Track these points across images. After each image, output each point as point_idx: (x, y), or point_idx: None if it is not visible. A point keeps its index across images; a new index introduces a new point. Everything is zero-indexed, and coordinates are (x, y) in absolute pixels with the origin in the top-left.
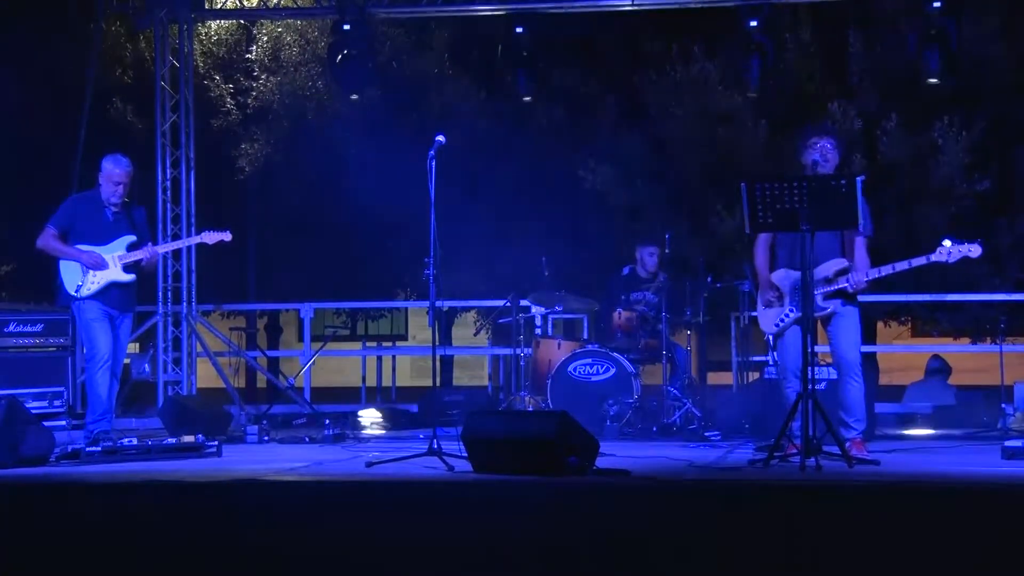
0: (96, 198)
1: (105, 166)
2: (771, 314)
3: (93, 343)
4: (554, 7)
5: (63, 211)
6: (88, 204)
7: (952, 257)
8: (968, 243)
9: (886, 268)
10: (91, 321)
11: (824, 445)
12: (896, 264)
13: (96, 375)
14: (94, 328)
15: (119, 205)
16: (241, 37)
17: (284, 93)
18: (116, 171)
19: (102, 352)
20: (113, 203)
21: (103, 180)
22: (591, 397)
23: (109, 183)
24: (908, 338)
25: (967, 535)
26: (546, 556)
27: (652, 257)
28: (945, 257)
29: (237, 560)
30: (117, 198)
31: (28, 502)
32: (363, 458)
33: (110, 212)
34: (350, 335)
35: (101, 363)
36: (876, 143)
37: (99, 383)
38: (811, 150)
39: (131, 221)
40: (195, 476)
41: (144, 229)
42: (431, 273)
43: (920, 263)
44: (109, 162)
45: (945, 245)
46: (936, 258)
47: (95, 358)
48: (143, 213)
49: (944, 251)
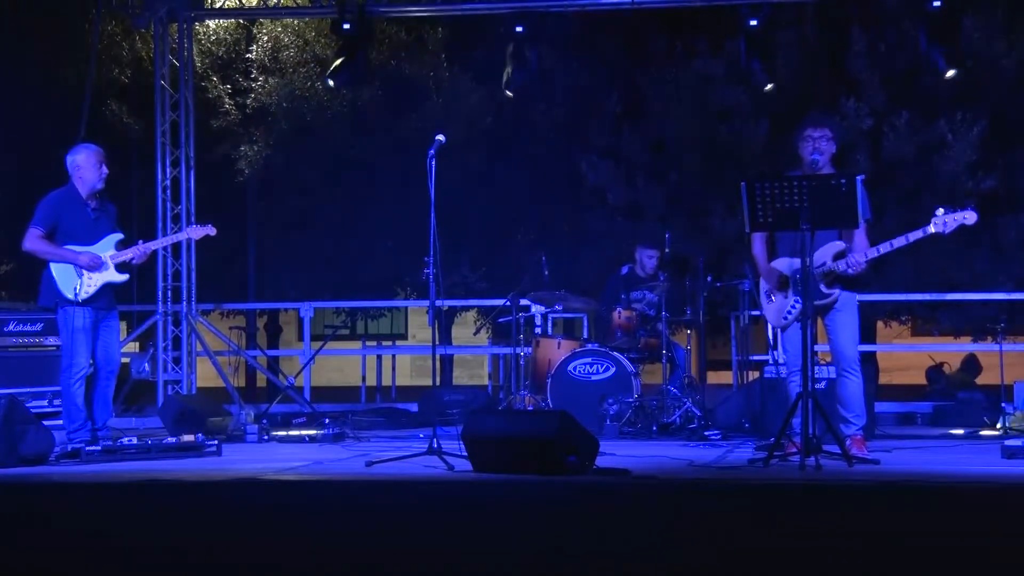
0: (74, 195)
1: (79, 156)
2: (777, 307)
3: (74, 353)
4: (554, 6)
5: (46, 210)
6: (69, 202)
7: (948, 227)
8: (961, 210)
9: (884, 246)
10: (78, 330)
11: (824, 444)
12: (894, 241)
13: (72, 387)
14: (79, 338)
15: (96, 198)
16: (240, 37)
17: (283, 95)
18: (92, 156)
19: (81, 364)
20: (98, 190)
21: (83, 171)
22: (591, 396)
23: (92, 169)
24: (908, 338)
25: (967, 535)
26: (546, 556)
27: (651, 260)
28: (941, 227)
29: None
30: (102, 183)
31: (28, 502)
32: (363, 457)
33: (90, 209)
34: (350, 334)
35: (78, 374)
36: (881, 140)
37: (75, 393)
38: (807, 142)
39: (110, 218)
40: (195, 475)
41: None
42: (431, 272)
43: (918, 236)
44: (82, 151)
45: (939, 214)
46: (932, 229)
47: (72, 368)
48: (115, 209)
49: (939, 220)
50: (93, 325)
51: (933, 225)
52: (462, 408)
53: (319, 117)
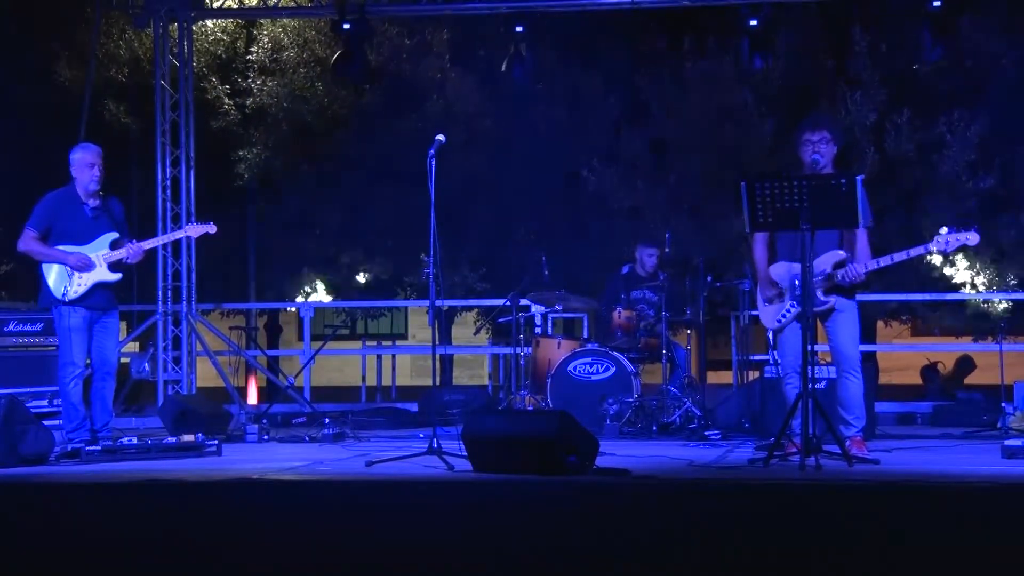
0: (72, 195)
1: (75, 155)
2: (772, 310)
3: (69, 352)
4: (554, 6)
5: (40, 211)
6: (65, 202)
7: (950, 246)
8: (964, 231)
9: (884, 259)
10: (71, 329)
11: (824, 444)
12: (895, 255)
13: (69, 385)
14: (72, 337)
15: (97, 197)
16: (239, 37)
17: (283, 95)
18: (87, 155)
19: (77, 362)
20: (92, 191)
21: (76, 171)
22: (591, 396)
23: (85, 169)
24: (908, 337)
25: (967, 535)
26: (546, 556)
27: (651, 258)
28: (943, 246)
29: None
30: (96, 184)
31: (28, 502)
32: (363, 457)
33: (89, 209)
34: (350, 334)
35: (75, 373)
36: (883, 138)
37: (72, 393)
38: (806, 146)
39: (111, 216)
40: (195, 475)
41: (123, 224)
42: (431, 272)
43: (919, 253)
44: (78, 150)
45: (942, 233)
46: (935, 249)
47: (68, 367)
48: (120, 206)
49: (942, 240)
50: (88, 325)
51: (935, 244)
52: (462, 408)
53: (319, 117)
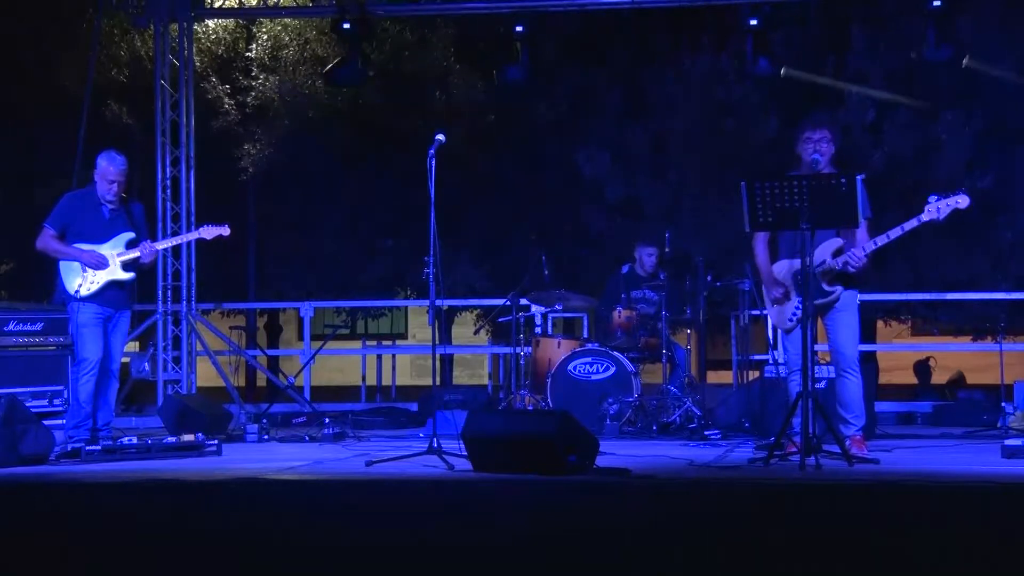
0: (92, 195)
1: (100, 163)
2: (783, 310)
3: (83, 349)
4: (554, 6)
5: (59, 210)
6: (84, 202)
7: (942, 212)
8: (953, 195)
9: (881, 238)
10: (84, 326)
11: (824, 444)
12: (890, 232)
13: (81, 381)
14: (85, 334)
15: (116, 202)
16: (240, 36)
17: (283, 92)
18: (111, 169)
19: (90, 359)
20: (108, 200)
21: (98, 178)
22: (591, 396)
23: (104, 181)
24: (908, 337)
25: (967, 535)
26: (546, 555)
27: (651, 258)
28: (935, 214)
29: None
30: (112, 196)
31: (28, 501)
32: (363, 457)
33: (107, 209)
34: (350, 334)
35: (88, 369)
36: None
37: (82, 390)
38: (807, 144)
39: (129, 217)
40: (195, 475)
41: (143, 225)
42: (431, 272)
43: (913, 226)
44: (104, 159)
45: (931, 201)
46: (927, 217)
47: (82, 364)
48: (141, 209)
49: (932, 207)
50: (101, 322)
51: (927, 212)
52: (462, 408)
53: (320, 116)
